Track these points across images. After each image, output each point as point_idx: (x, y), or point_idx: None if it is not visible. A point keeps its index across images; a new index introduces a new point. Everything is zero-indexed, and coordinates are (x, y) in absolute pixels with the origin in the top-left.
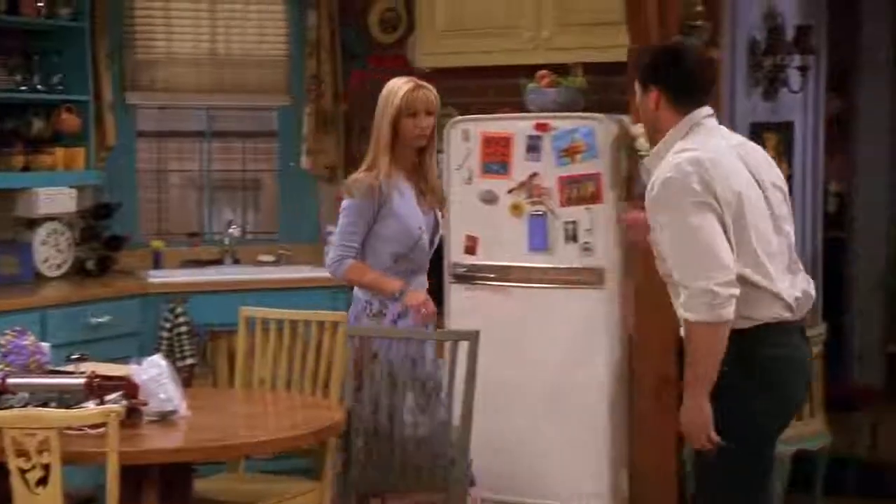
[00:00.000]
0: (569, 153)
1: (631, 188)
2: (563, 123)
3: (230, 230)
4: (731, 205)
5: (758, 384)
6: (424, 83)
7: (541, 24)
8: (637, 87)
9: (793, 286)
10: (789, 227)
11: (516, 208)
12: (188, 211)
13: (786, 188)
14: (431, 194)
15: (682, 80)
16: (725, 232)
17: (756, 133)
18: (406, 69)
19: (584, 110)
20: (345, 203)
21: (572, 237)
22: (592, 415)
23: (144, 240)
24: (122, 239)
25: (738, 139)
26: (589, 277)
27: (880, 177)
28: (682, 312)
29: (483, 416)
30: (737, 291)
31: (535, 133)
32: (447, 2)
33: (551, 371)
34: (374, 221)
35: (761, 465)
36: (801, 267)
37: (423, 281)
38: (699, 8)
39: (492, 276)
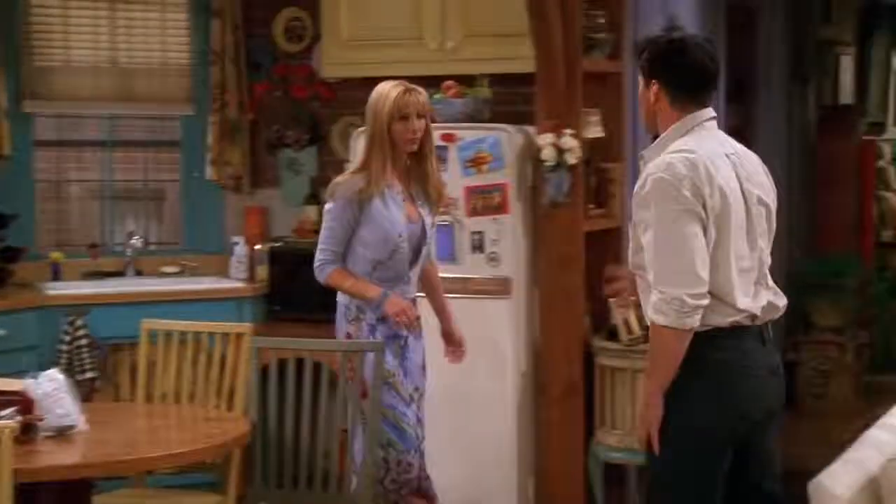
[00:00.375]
0: (475, 163)
1: (537, 198)
2: (469, 134)
3: (132, 241)
4: (717, 212)
5: (703, 388)
6: (414, 86)
7: (446, 35)
8: (640, 76)
9: (756, 299)
10: (764, 244)
11: None
12: (89, 222)
13: (773, 205)
14: (430, 198)
15: (684, 77)
16: (706, 239)
17: None
18: (312, 79)
19: (490, 121)
20: (327, 206)
21: (479, 247)
22: (500, 423)
23: (43, 251)
24: (19, 251)
25: (736, 147)
26: (496, 287)
27: (778, 187)
28: (650, 314)
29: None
30: (706, 303)
31: (441, 143)
32: (352, 12)
33: (459, 380)
34: (356, 224)
35: (708, 475)
36: (770, 283)
37: (407, 289)
38: (602, 20)
39: None
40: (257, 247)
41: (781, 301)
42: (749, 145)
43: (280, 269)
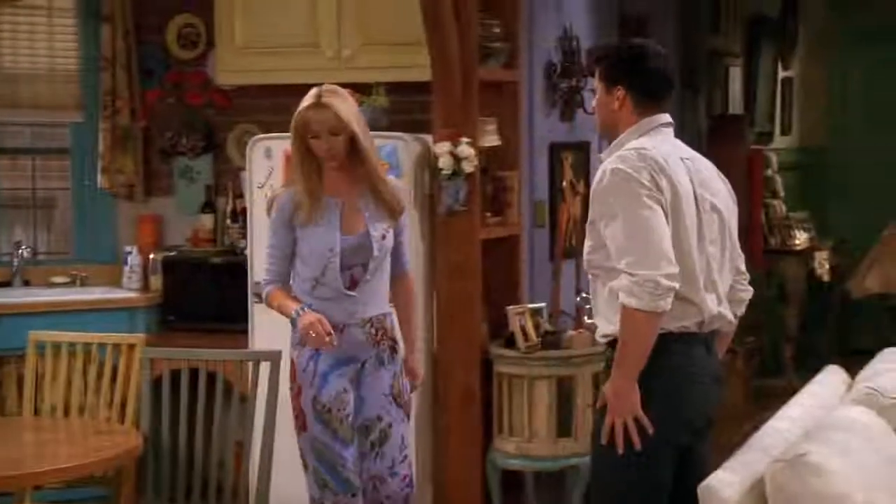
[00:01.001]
0: None
1: (434, 206)
2: None
3: (19, 251)
4: (670, 206)
5: (652, 393)
6: (332, 96)
7: (342, 43)
8: (599, 81)
9: (703, 304)
10: (714, 251)
11: None
12: None
13: (727, 213)
14: (381, 207)
15: (650, 82)
16: None
17: (555, 153)
18: (206, 86)
19: (388, 129)
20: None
21: None
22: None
23: None
24: None
25: (690, 153)
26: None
27: None
28: (623, 298)
29: (283, 437)
30: (677, 286)
31: None
32: (247, 18)
33: None
34: (295, 239)
35: (654, 481)
36: (721, 292)
37: (354, 309)
38: (497, 29)
39: None
40: (151, 256)
41: (729, 314)
42: None
43: (174, 279)
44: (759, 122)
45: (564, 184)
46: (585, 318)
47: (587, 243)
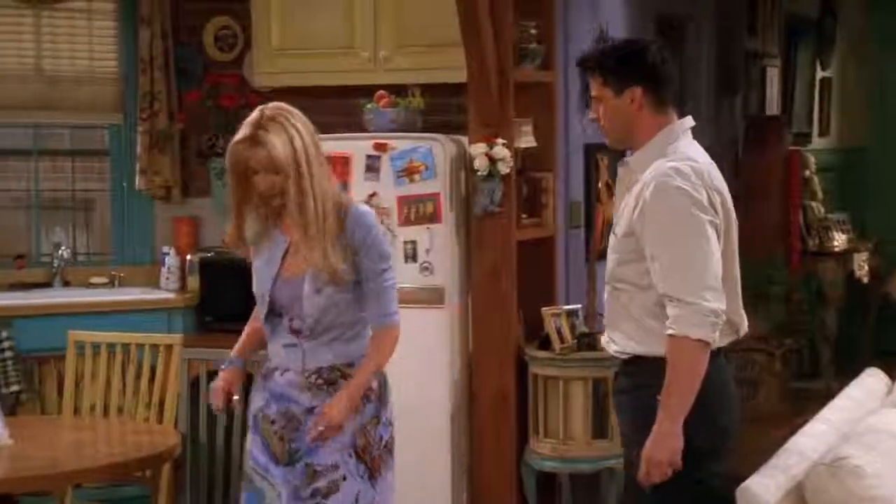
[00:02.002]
0: (407, 173)
1: (469, 208)
2: (401, 143)
3: (59, 252)
4: (722, 221)
5: (694, 409)
6: (272, 127)
7: (378, 45)
8: (603, 88)
9: (738, 313)
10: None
11: None
12: (15, 232)
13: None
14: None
15: (668, 82)
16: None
17: (590, 153)
18: (242, 88)
19: (423, 131)
20: None
21: (412, 256)
22: (434, 431)
23: None
24: None
25: (709, 158)
26: (428, 297)
27: None
28: (681, 328)
29: None
30: (724, 318)
31: (373, 153)
32: (283, 21)
33: (393, 389)
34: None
35: (706, 495)
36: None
37: (295, 359)
38: (533, 31)
39: None
40: (188, 257)
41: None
42: None
43: (211, 280)
44: (796, 123)
45: (600, 185)
46: None
47: (613, 255)
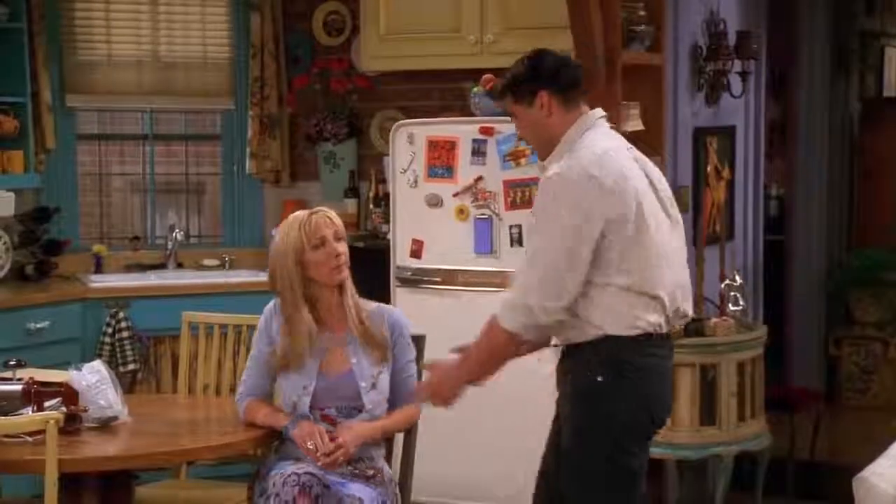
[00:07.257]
0: (513, 157)
1: None
2: (507, 127)
3: (173, 234)
4: (632, 211)
5: (626, 387)
6: (321, 208)
7: (485, 28)
8: (515, 105)
9: (674, 298)
10: (679, 233)
11: (462, 212)
12: (130, 215)
13: (671, 193)
14: (364, 345)
15: (568, 78)
16: (603, 248)
17: (699, 137)
18: (351, 72)
19: None
20: None
21: (517, 241)
22: (533, 417)
23: (85, 244)
24: (62, 243)
25: (634, 151)
26: None
27: (819, 180)
28: (499, 312)
29: (424, 421)
30: (551, 322)
31: (479, 137)
32: (392, 5)
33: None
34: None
35: (628, 471)
36: (686, 275)
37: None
38: (642, 13)
39: (437, 279)
40: None
41: (689, 306)
42: (790, 139)
43: None
44: None
45: (709, 169)
46: (730, 305)
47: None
